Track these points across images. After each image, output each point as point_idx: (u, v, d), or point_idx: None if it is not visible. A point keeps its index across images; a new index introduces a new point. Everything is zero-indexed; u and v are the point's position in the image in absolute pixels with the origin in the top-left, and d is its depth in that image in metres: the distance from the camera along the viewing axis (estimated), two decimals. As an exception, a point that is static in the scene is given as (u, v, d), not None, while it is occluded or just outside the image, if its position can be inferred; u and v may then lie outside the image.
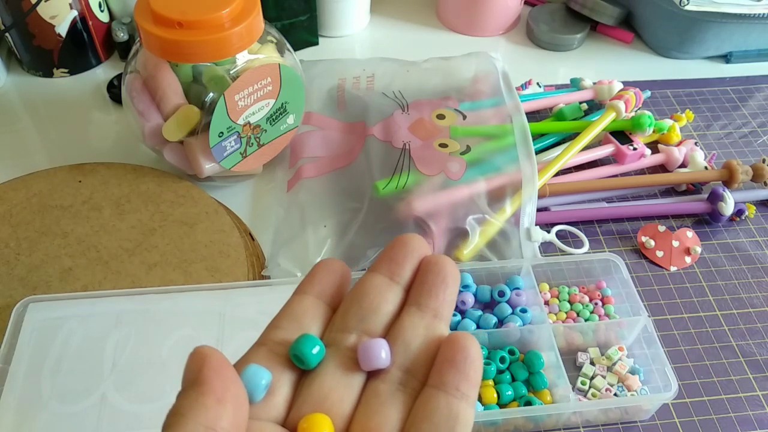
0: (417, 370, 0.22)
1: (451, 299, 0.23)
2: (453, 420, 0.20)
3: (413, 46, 0.77)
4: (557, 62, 0.76)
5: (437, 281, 0.23)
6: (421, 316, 0.22)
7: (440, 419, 0.20)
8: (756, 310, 0.53)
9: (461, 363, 0.21)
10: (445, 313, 0.23)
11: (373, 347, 0.21)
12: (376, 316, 0.23)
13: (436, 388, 0.21)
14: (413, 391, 0.21)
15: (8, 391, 0.42)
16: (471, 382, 0.21)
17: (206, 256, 0.51)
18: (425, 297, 0.23)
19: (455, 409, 0.20)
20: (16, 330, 0.45)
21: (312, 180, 0.58)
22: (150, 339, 0.45)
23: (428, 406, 0.21)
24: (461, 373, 0.21)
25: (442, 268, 0.23)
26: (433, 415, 0.20)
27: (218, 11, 0.49)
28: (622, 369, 0.47)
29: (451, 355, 0.21)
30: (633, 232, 0.58)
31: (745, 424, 0.46)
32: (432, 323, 0.22)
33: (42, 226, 0.52)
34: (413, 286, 0.23)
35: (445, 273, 0.23)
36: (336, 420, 0.21)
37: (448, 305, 0.23)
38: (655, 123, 0.62)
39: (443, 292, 0.23)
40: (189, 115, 0.52)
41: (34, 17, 0.64)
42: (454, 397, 0.21)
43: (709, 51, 0.75)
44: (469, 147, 0.58)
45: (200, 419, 0.18)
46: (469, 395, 0.21)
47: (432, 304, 0.23)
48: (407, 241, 0.24)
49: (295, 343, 0.22)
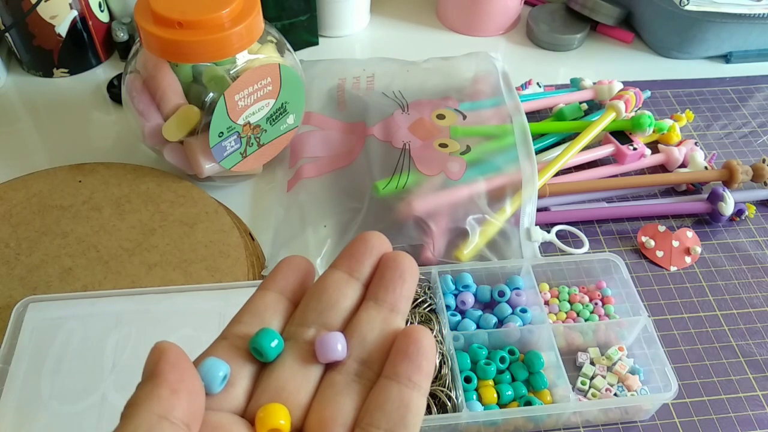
0: (372, 362, 0.23)
1: (408, 294, 0.24)
2: (404, 408, 0.21)
3: (413, 46, 0.77)
4: (557, 62, 0.76)
5: (394, 276, 0.24)
6: (378, 310, 0.23)
7: (392, 408, 0.21)
8: (756, 310, 0.53)
9: (414, 354, 0.22)
10: (402, 308, 0.24)
11: (330, 340, 0.22)
12: (334, 310, 0.23)
13: (389, 379, 0.22)
14: (368, 382, 0.22)
15: (8, 391, 0.42)
16: (423, 373, 0.22)
17: (206, 256, 0.51)
18: (383, 292, 0.23)
19: (407, 398, 0.21)
20: (16, 330, 0.45)
21: (312, 180, 0.58)
22: (150, 339, 0.44)
23: (381, 396, 0.21)
24: (414, 364, 0.22)
25: (399, 264, 0.24)
26: (386, 404, 0.21)
27: (218, 11, 0.49)
28: (622, 369, 0.47)
29: (404, 347, 0.22)
30: (633, 232, 0.58)
31: (745, 424, 0.46)
32: (388, 317, 0.23)
33: (42, 226, 0.52)
34: (372, 281, 0.24)
35: (402, 269, 0.24)
36: (293, 409, 0.21)
37: (405, 300, 0.24)
38: (655, 123, 0.62)
39: (400, 287, 0.23)
40: (189, 115, 0.52)
41: (34, 17, 0.64)
42: (406, 387, 0.21)
43: (709, 51, 0.75)
44: (469, 147, 0.58)
45: (154, 409, 0.19)
46: (421, 385, 0.22)
47: (389, 298, 0.23)
48: (368, 239, 0.24)
49: (254, 336, 0.22)
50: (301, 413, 0.22)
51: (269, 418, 0.21)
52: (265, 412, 0.21)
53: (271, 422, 0.21)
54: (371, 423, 0.21)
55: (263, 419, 0.21)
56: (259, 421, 0.21)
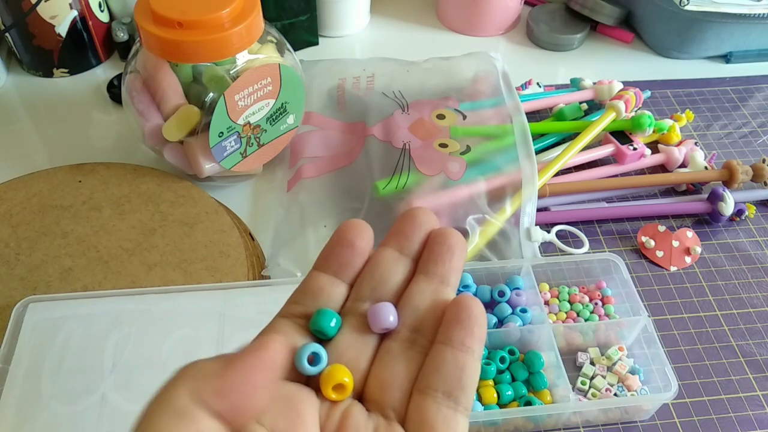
0: (425, 330, 0.24)
1: (457, 267, 0.25)
2: (459, 371, 0.22)
3: (413, 46, 0.77)
4: (557, 62, 0.76)
5: (443, 250, 0.25)
6: (428, 282, 0.24)
7: (448, 370, 0.22)
8: (756, 310, 0.53)
9: (465, 320, 0.23)
10: (452, 280, 0.25)
11: (380, 309, 0.24)
12: (386, 285, 0.25)
13: (443, 344, 0.23)
14: (422, 348, 0.23)
15: (8, 391, 0.42)
16: (475, 337, 0.23)
17: (206, 256, 0.51)
18: (432, 265, 0.25)
19: (461, 361, 0.23)
20: (16, 330, 0.45)
21: (312, 180, 0.58)
22: (150, 339, 0.45)
23: (437, 360, 0.23)
24: (466, 329, 0.23)
25: (447, 239, 0.25)
26: (442, 367, 0.22)
27: (218, 11, 0.49)
28: (622, 369, 0.47)
29: (456, 314, 0.23)
30: (633, 232, 0.58)
31: (745, 424, 0.46)
32: (439, 288, 0.24)
33: (42, 226, 0.52)
34: (422, 256, 0.25)
35: (450, 243, 0.25)
36: (354, 374, 0.23)
37: (455, 273, 0.25)
38: (655, 123, 0.62)
39: (449, 261, 0.25)
40: (189, 115, 0.52)
41: (34, 17, 0.64)
42: (460, 351, 0.23)
43: (709, 51, 0.75)
44: (469, 147, 0.58)
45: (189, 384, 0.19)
46: (474, 349, 0.23)
47: (439, 271, 0.24)
48: (415, 216, 0.25)
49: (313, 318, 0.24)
50: (361, 377, 0.23)
51: (333, 375, 0.22)
52: (330, 371, 0.22)
53: (335, 378, 0.22)
54: (429, 385, 0.22)
55: (327, 377, 0.22)
56: (323, 379, 0.22)
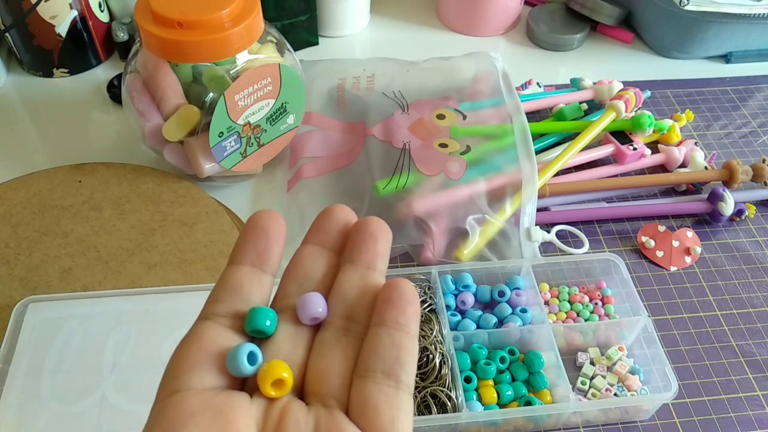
0: (357, 316, 0.23)
1: (382, 252, 0.25)
2: (397, 349, 0.22)
3: (413, 46, 0.77)
4: (557, 62, 0.76)
5: (365, 237, 0.24)
6: (354, 269, 0.24)
7: (384, 351, 0.22)
8: (756, 310, 0.53)
9: (397, 299, 0.23)
10: (378, 265, 0.24)
11: (308, 300, 0.23)
12: (311, 279, 0.24)
13: (378, 326, 0.23)
14: (357, 334, 0.23)
15: (8, 391, 0.42)
16: (409, 315, 0.23)
17: (206, 256, 0.51)
18: (356, 253, 0.24)
19: (398, 340, 0.22)
20: (16, 330, 0.45)
21: (312, 180, 0.58)
22: (150, 339, 0.45)
23: (373, 342, 0.22)
24: (398, 308, 0.23)
25: (368, 226, 0.25)
26: (378, 348, 0.22)
27: (218, 11, 0.49)
28: (622, 369, 0.47)
29: (387, 295, 0.23)
30: (633, 232, 0.58)
31: (745, 424, 0.46)
32: (366, 274, 0.24)
33: (42, 226, 0.52)
34: (346, 247, 0.25)
35: (372, 229, 0.24)
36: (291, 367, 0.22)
37: (380, 257, 0.24)
38: (655, 123, 0.62)
39: (373, 246, 0.24)
40: (189, 115, 0.52)
41: (34, 17, 0.64)
42: (395, 329, 0.22)
43: (709, 51, 0.75)
44: (469, 147, 0.58)
45: None
46: (409, 327, 0.23)
47: (363, 258, 0.24)
48: (331, 212, 0.25)
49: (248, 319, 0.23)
50: (300, 370, 0.23)
51: (272, 371, 0.21)
52: (267, 368, 0.22)
53: (274, 374, 0.21)
54: (367, 368, 0.22)
55: (265, 374, 0.21)
56: (261, 377, 0.21)
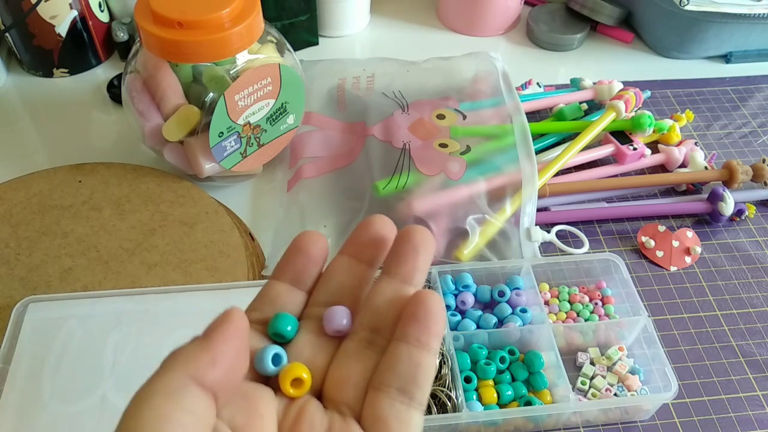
0: (383, 329, 0.23)
1: (422, 266, 0.24)
2: (414, 367, 0.22)
3: (413, 46, 0.77)
4: (557, 62, 0.76)
5: (407, 249, 0.24)
6: (389, 282, 0.24)
7: (402, 368, 0.22)
8: (756, 310, 0.53)
9: (422, 316, 0.22)
10: (415, 278, 0.24)
11: (334, 312, 0.24)
12: (342, 291, 0.25)
13: (399, 341, 0.23)
14: (380, 347, 0.23)
15: (8, 391, 0.42)
16: (432, 334, 0.22)
17: (206, 256, 0.51)
18: (395, 265, 0.24)
19: (416, 358, 0.22)
20: (16, 330, 0.45)
21: (312, 180, 0.58)
22: (150, 339, 0.45)
23: (392, 357, 0.22)
24: (422, 325, 0.22)
25: (411, 238, 0.24)
26: (396, 365, 0.22)
27: (218, 11, 0.49)
28: (622, 369, 0.47)
29: (413, 310, 0.23)
30: (633, 232, 0.58)
31: (745, 424, 0.46)
32: (400, 288, 0.24)
33: (42, 226, 0.52)
34: (387, 257, 0.25)
35: (415, 242, 0.24)
36: (312, 372, 0.23)
37: (419, 271, 0.24)
38: (655, 123, 0.62)
39: (413, 259, 0.24)
40: (189, 115, 0.52)
41: (34, 17, 0.64)
42: (415, 347, 0.22)
43: (709, 51, 0.75)
44: (469, 147, 0.58)
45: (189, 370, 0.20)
46: (430, 346, 0.22)
47: (401, 271, 0.24)
48: (370, 223, 0.25)
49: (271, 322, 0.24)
50: (320, 376, 0.23)
51: (292, 370, 0.22)
52: (288, 368, 0.22)
53: (293, 374, 0.22)
54: (383, 382, 0.22)
55: (286, 373, 0.22)
56: (282, 376, 0.22)
